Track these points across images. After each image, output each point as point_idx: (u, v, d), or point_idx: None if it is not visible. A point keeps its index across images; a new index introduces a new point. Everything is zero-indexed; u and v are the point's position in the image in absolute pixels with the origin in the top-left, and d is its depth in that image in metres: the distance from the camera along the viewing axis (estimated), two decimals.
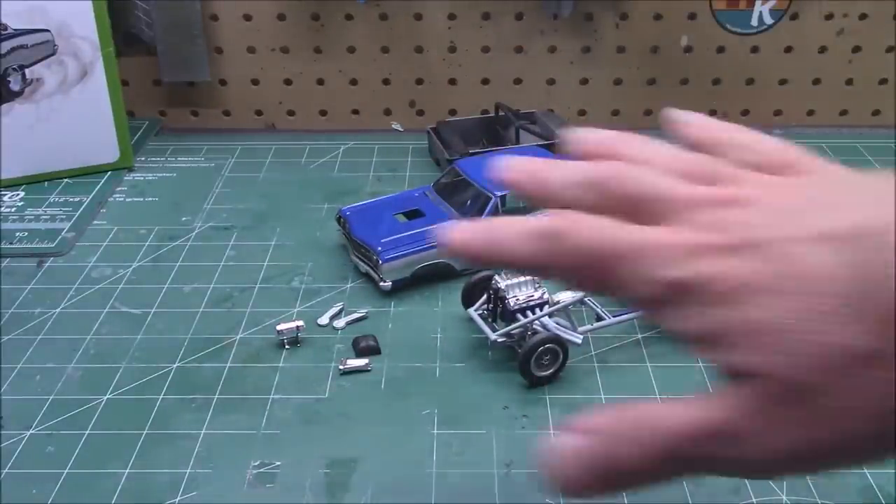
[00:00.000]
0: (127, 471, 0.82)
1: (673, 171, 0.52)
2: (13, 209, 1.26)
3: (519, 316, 0.94)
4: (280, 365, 0.95)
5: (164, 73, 1.48)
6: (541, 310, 0.94)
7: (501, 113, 1.43)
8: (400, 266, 1.05)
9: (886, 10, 1.45)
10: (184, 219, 1.24)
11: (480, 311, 0.97)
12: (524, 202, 1.22)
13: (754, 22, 1.46)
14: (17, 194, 1.30)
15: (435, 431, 0.86)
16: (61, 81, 1.29)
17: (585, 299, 0.97)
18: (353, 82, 1.53)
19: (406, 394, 0.91)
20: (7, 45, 1.25)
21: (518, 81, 1.52)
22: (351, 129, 1.54)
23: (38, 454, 0.84)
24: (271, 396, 0.91)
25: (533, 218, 0.51)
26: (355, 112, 1.56)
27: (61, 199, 1.29)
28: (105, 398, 0.91)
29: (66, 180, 1.34)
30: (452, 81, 1.52)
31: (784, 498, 0.78)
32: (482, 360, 0.96)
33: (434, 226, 1.09)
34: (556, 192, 0.53)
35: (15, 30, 1.25)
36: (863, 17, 1.45)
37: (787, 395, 0.43)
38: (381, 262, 1.05)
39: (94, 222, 1.24)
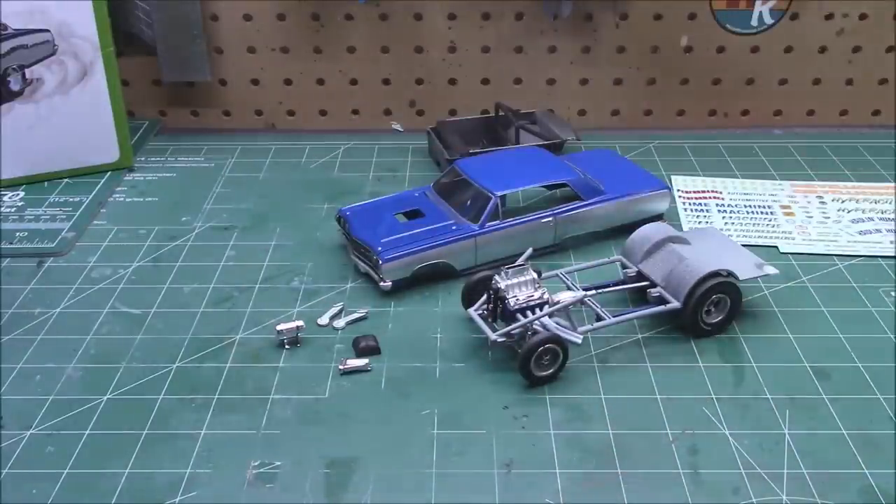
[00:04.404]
0: (127, 471, 0.82)
1: None
2: (13, 209, 1.26)
3: (519, 316, 0.94)
4: (280, 365, 0.95)
5: (164, 73, 1.48)
6: (541, 310, 0.94)
7: (501, 113, 1.43)
8: (400, 266, 1.05)
9: (886, 10, 1.45)
10: (184, 219, 1.24)
11: (480, 311, 0.97)
12: (526, 202, 1.22)
13: (754, 22, 1.46)
14: (17, 194, 1.30)
15: (435, 431, 0.86)
16: (61, 81, 1.29)
17: (585, 299, 0.97)
18: (353, 82, 1.53)
19: (406, 394, 0.91)
20: (7, 45, 1.25)
21: (518, 81, 1.52)
22: (351, 129, 1.54)
23: (38, 454, 0.84)
24: (271, 396, 0.91)
25: None
26: (355, 112, 1.56)
27: (61, 199, 1.29)
28: (105, 398, 0.91)
29: (66, 180, 1.34)
30: (452, 81, 1.52)
31: (784, 498, 0.78)
32: (482, 360, 0.96)
33: (434, 226, 1.09)
34: None
35: (15, 30, 1.25)
36: (863, 17, 1.45)
37: None
38: (381, 262, 1.05)
39: (94, 222, 1.24)
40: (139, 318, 1.03)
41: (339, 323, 1.02)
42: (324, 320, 1.02)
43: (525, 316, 0.94)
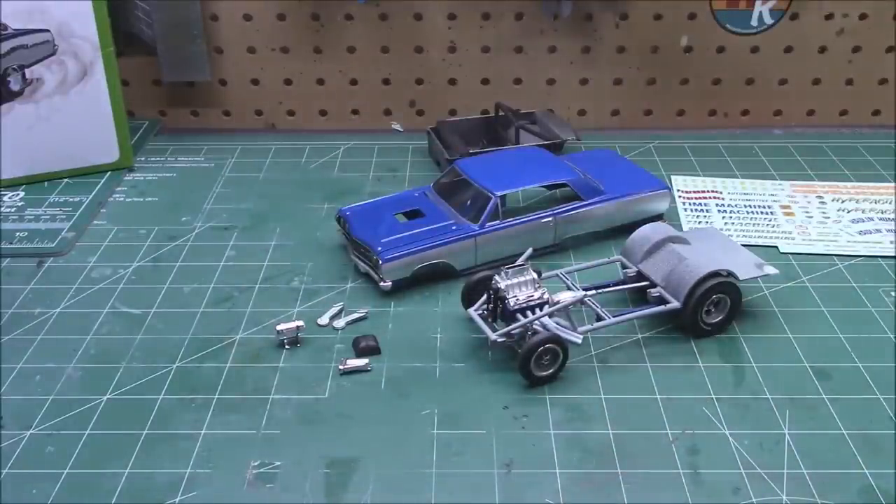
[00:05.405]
0: (127, 471, 0.82)
1: None
2: (13, 209, 1.26)
3: (519, 316, 0.94)
4: (280, 365, 0.95)
5: (164, 73, 1.48)
6: (541, 310, 0.94)
7: (501, 113, 1.43)
8: (400, 266, 1.05)
9: (886, 10, 1.45)
10: (184, 219, 1.24)
11: (480, 311, 0.97)
12: (525, 203, 1.22)
13: (754, 22, 1.46)
14: (17, 194, 1.30)
15: (435, 431, 0.86)
16: (61, 81, 1.29)
17: (585, 299, 0.97)
18: (353, 82, 1.53)
19: (406, 394, 0.91)
20: (7, 45, 1.25)
21: (518, 81, 1.52)
22: (351, 129, 1.54)
23: (38, 454, 0.84)
24: (271, 396, 0.91)
25: None
26: (355, 112, 1.56)
27: (61, 199, 1.29)
28: (105, 398, 0.91)
29: (66, 180, 1.34)
30: (452, 81, 1.52)
31: (784, 498, 0.78)
32: (482, 360, 0.96)
33: (434, 226, 1.09)
34: None
35: (15, 30, 1.25)
36: (863, 17, 1.45)
37: None
38: (381, 262, 1.05)
39: (94, 222, 1.24)
40: (139, 318, 1.03)
41: (339, 323, 1.02)
42: (324, 320, 1.02)
43: (525, 316, 0.94)
